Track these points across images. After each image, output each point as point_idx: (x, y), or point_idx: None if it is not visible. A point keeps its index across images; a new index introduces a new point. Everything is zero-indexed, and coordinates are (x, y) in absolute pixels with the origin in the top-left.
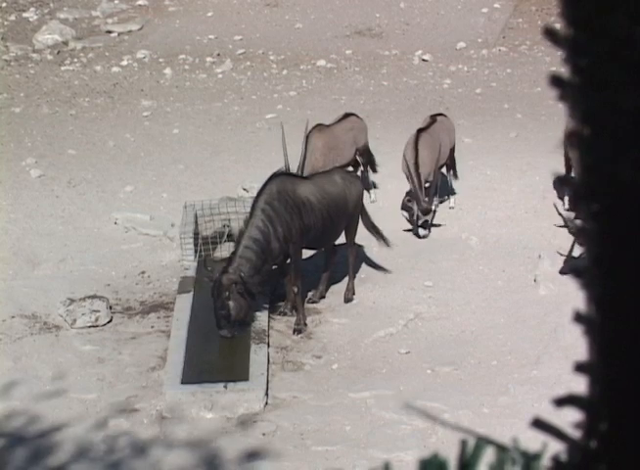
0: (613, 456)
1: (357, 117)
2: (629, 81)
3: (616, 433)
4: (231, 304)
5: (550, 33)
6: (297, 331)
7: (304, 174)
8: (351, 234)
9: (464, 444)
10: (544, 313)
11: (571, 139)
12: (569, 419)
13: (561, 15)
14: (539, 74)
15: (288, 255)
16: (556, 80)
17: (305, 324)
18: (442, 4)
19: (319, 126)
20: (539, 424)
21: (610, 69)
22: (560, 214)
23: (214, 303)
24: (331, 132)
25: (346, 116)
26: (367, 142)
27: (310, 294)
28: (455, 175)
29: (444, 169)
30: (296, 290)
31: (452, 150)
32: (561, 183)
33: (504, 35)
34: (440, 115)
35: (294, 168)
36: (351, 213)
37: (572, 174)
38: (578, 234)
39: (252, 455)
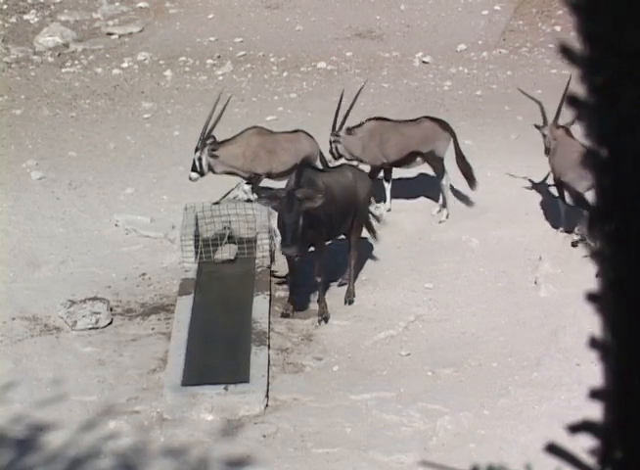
0: None
1: (308, 136)
2: None
3: (631, 460)
4: (301, 220)
5: (565, 51)
6: (324, 320)
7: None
8: (356, 235)
9: (475, 469)
10: (545, 315)
11: (587, 159)
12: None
13: (576, 31)
14: (540, 77)
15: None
16: (573, 100)
17: (328, 312)
18: (443, 6)
19: (259, 128)
20: (553, 449)
21: (627, 86)
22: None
23: (284, 219)
24: (272, 136)
25: (296, 131)
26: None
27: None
28: (440, 184)
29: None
30: (319, 280)
31: (422, 155)
32: (577, 204)
33: (504, 37)
34: (433, 119)
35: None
36: (359, 209)
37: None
38: (593, 256)
39: (253, 457)
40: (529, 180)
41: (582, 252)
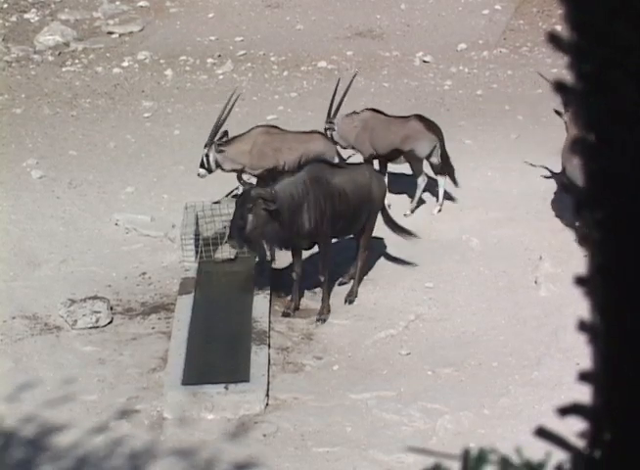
0: (616, 466)
1: (325, 137)
2: (634, 88)
3: (619, 443)
4: (250, 217)
5: (553, 38)
6: (322, 320)
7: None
8: (366, 236)
9: (466, 453)
10: (545, 315)
11: (575, 146)
12: (570, 423)
13: (565, 20)
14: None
15: (312, 243)
16: (560, 86)
17: (329, 311)
18: (443, 5)
19: (268, 126)
20: (543, 433)
21: (614, 74)
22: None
23: (234, 211)
24: (280, 135)
25: (312, 132)
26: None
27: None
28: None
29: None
30: (322, 279)
31: (403, 153)
32: (565, 191)
33: (505, 37)
34: (422, 119)
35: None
36: (373, 210)
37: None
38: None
39: (253, 457)
40: (529, 180)
41: (582, 251)
